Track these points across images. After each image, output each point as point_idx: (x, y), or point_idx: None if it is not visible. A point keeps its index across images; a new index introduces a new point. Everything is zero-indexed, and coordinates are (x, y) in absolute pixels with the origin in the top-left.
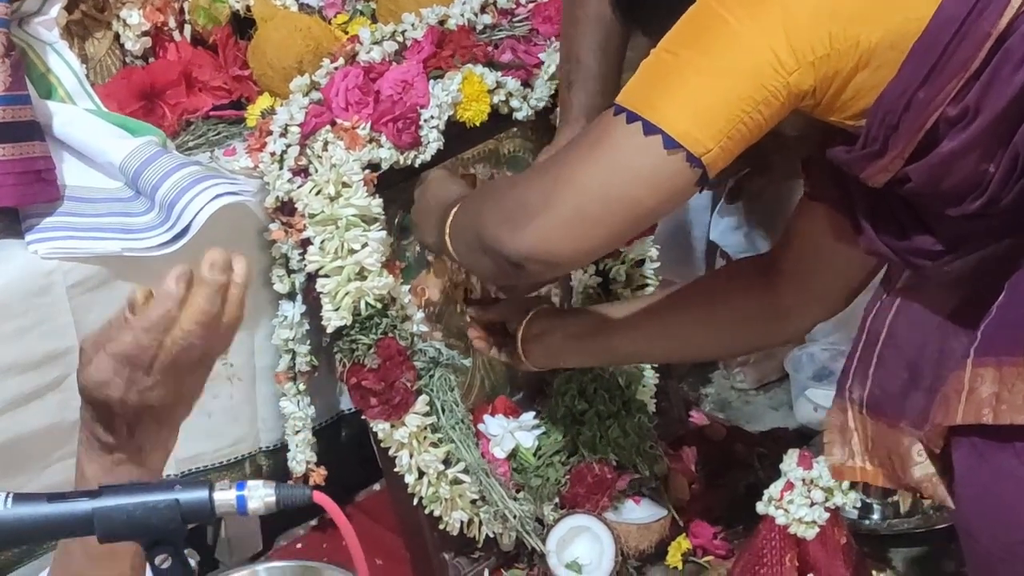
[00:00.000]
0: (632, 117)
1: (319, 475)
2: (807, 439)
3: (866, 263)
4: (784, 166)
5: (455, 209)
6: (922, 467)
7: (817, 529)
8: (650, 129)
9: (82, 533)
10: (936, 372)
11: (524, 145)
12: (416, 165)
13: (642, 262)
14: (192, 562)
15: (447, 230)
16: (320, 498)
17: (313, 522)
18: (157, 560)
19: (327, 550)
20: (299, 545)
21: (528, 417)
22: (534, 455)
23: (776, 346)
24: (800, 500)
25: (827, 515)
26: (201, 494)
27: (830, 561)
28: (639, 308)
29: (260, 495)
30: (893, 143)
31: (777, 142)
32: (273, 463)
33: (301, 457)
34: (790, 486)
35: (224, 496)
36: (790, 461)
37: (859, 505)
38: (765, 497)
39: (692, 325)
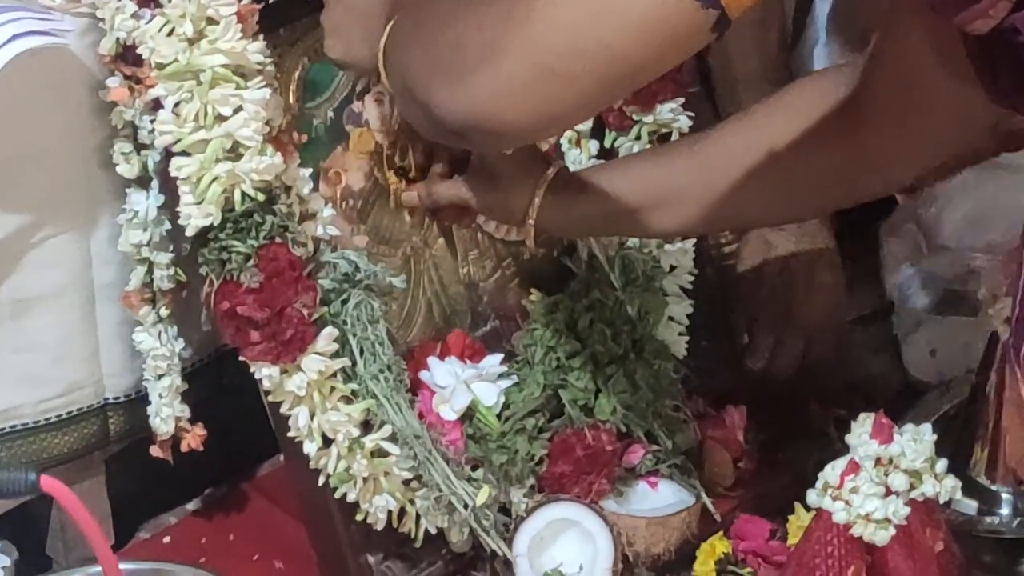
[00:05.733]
0: None
1: (195, 436)
2: (917, 396)
3: (983, 103)
4: None
5: (392, 22)
6: None
7: (892, 531)
8: None
9: None
10: None
11: None
12: None
13: (667, 136)
14: (7, 560)
15: (381, 50)
16: (50, 484)
17: (190, 506)
18: None
19: (207, 545)
20: (167, 539)
21: (493, 361)
22: (498, 417)
23: (868, 200)
24: (869, 488)
25: (907, 511)
26: None
27: None
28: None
29: None
30: None
31: None
32: (127, 419)
33: (168, 412)
34: (855, 467)
35: None
36: (860, 431)
37: (960, 496)
38: (819, 483)
39: (754, 187)
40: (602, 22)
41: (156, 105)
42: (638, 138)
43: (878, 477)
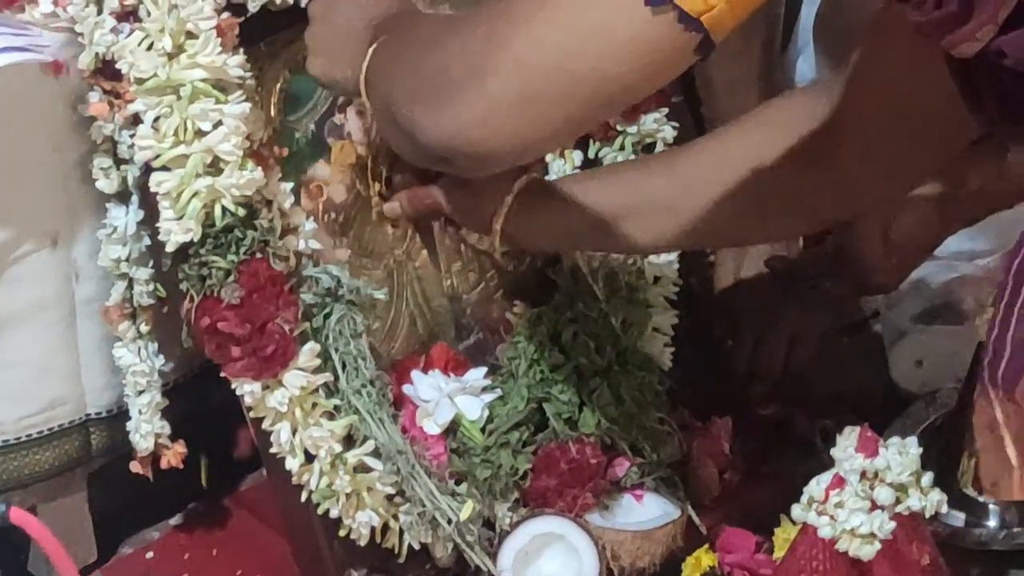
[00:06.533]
0: None
1: (175, 454)
2: (903, 406)
3: (963, 125)
4: None
5: (375, 45)
6: None
7: (878, 546)
8: None
9: None
10: None
11: None
12: (303, 3)
13: (651, 147)
14: None
15: (363, 72)
16: (19, 517)
17: (173, 521)
18: None
19: (191, 560)
20: (149, 554)
21: (476, 375)
22: (482, 430)
23: (847, 220)
24: (855, 503)
25: (893, 525)
26: None
27: None
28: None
29: None
30: (979, 5)
31: None
32: (108, 436)
33: (147, 428)
34: (840, 482)
35: None
36: (845, 444)
37: (946, 510)
38: (804, 497)
39: (725, 208)
40: (586, 44)
41: (135, 120)
42: (622, 148)
43: (863, 491)
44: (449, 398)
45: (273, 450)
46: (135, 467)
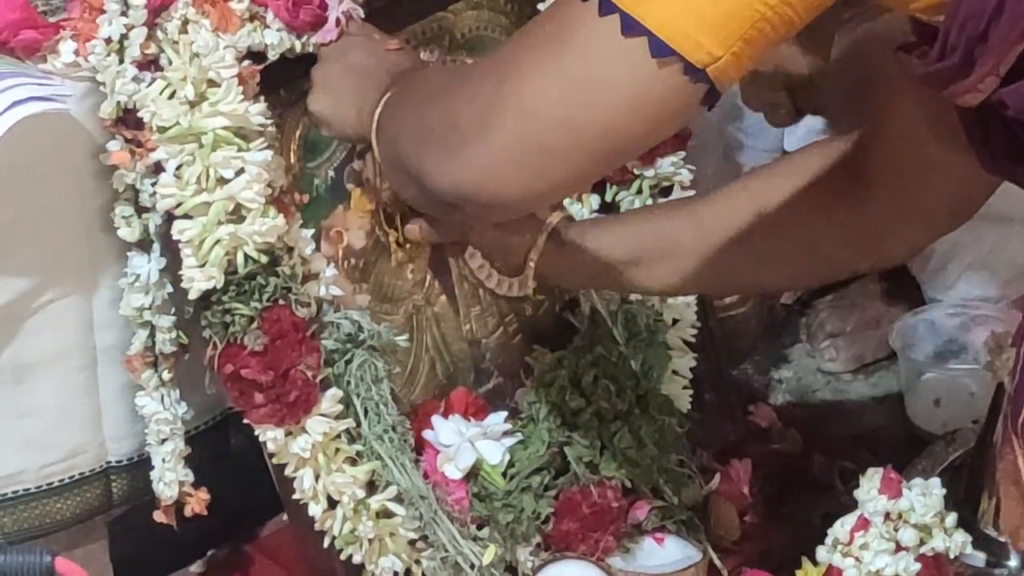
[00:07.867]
0: (608, 7)
1: (199, 501)
2: (921, 447)
3: (981, 173)
4: None
5: (387, 95)
6: None
7: None
8: (632, 27)
9: None
10: None
11: (493, 20)
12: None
13: (668, 190)
14: None
15: (375, 121)
16: (64, 566)
17: (194, 568)
18: None
19: None
20: None
21: (497, 419)
22: (504, 475)
23: (864, 272)
24: (879, 544)
25: (918, 567)
26: None
27: None
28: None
29: None
30: (980, 58)
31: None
32: (129, 483)
33: (171, 476)
34: (864, 523)
35: None
36: (868, 486)
37: (969, 551)
38: (829, 539)
39: (747, 253)
40: (592, 97)
41: (157, 168)
42: (639, 192)
43: (888, 533)
44: (470, 443)
45: (296, 496)
46: (159, 516)
